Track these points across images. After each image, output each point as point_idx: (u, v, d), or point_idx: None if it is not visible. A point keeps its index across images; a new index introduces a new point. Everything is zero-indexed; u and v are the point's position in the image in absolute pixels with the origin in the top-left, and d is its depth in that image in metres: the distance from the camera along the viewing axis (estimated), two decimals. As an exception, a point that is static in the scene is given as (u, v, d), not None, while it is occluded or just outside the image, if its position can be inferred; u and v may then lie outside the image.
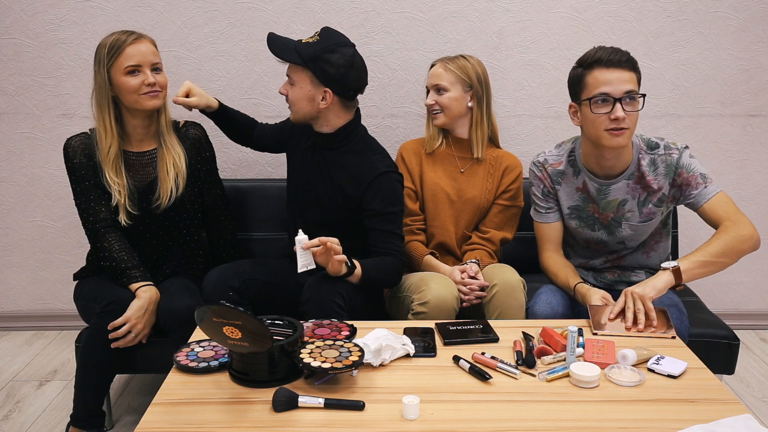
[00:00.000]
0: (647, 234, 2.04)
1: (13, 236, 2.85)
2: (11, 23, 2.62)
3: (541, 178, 2.09)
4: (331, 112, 2.01)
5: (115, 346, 1.96)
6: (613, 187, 1.98)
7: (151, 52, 2.01)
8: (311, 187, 2.10)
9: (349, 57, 1.95)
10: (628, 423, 1.37)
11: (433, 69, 2.26)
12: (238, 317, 1.42)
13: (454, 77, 2.21)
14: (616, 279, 2.11)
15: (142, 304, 1.97)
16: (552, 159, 2.07)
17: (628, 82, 1.83)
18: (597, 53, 1.86)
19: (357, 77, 1.98)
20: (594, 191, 2.01)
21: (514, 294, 2.01)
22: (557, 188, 2.07)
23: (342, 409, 1.40)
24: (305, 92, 1.97)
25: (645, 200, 1.98)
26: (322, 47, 1.93)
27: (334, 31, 2.01)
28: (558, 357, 1.61)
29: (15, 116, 2.72)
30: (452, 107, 2.23)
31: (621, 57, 1.84)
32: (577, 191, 2.04)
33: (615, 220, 2.02)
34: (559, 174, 2.06)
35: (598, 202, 2.01)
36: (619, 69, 1.83)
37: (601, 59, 1.84)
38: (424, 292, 1.98)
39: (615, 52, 1.85)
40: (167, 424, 1.37)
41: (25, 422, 2.26)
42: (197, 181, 2.18)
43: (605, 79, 1.83)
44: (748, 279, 2.98)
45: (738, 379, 2.56)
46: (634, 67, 1.86)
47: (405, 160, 2.31)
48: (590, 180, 2.00)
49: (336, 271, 1.89)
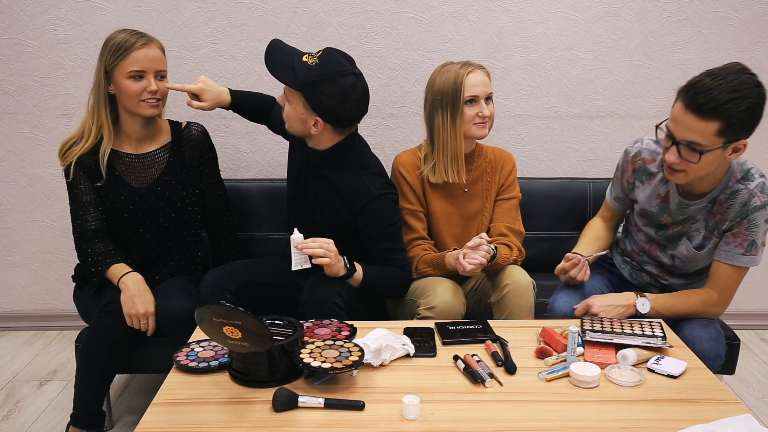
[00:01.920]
0: (699, 264, 1.96)
1: (13, 236, 2.85)
2: (11, 23, 2.62)
3: (625, 169, 2.00)
4: (324, 136, 1.95)
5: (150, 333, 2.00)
6: (693, 207, 1.87)
7: (158, 58, 1.99)
8: (306, 201, 2.06)
9: (346, 88, 1.85)
10: (628, 423, 1.37)
11: (479, 76, 2.05)
12: (238, 317, 1.42)
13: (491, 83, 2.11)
14: (650, 282, 2.07)
15: (127, 294, 1.96)
16: (646, 153, 1.95)
17: (695, 132, 1.63)
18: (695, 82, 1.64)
19: (353, 109, 1.89)
20: (674, 205, 1.90)
21: (524, 295, 1.97)
22: (636, 185, 1.98)
23: (342, 409, 1.40)
24: (298, 114, 1.91)
25: (714, 226, 1.87)
26: (318, 74, 1.84)
27: (337, 54, 1.90)
28: (560, 357, 1.61)
29: (15, 116, 2.72)
30: (494, 117, 2.11)
31: (707, 103, 1.60)
32: (658, 197, 1.94)
33: (678, 234, 1.93)
34: (646, 173, 1.95)
35: (674, 215, 1.91)
36: (695, 114, 1.62)
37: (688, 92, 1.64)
38: (431, 297, 1.95)
39: (706, 93, 1.60)
40: (167, 424, 1.37)
41: (25, 422, 2.26)
42: (199, 182, 2.17)
43: (675, 117, 1.67)
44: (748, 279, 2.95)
45: (738, 379, 2.56)
46: (721, 116, 1.60)
47: (405, 177, 2.13)
48: (674, 193, 1.89)
49: (334, 272, 1.89)
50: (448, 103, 2.03)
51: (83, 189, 2.06)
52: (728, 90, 1.58)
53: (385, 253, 2.01)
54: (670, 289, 2.02)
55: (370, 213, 1.96)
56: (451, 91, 2.02)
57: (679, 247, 1.94)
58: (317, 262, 1.83)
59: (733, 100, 1.58)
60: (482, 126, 2.07)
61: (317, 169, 2.03)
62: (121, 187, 2.07)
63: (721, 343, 1.87)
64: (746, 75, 1.63)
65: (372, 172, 2.01)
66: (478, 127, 2.06)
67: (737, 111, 1.59)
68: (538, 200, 2.56)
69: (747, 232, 1.80)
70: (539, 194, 2.58)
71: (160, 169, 2.11)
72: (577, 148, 2.79)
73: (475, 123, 2.06)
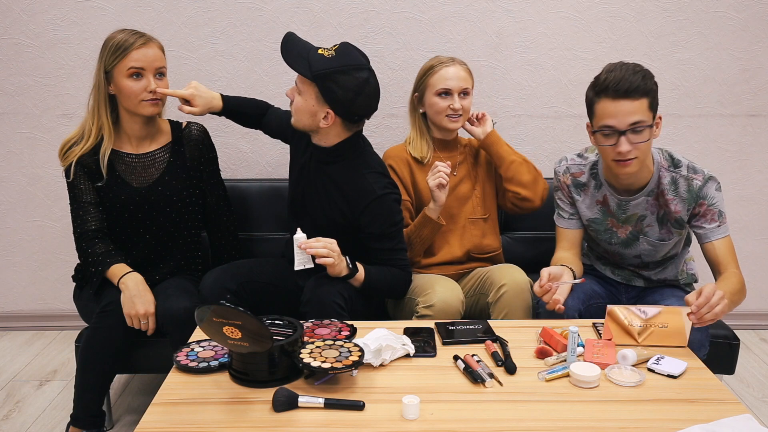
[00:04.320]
0: (664, 252, 2.03)
1: (13, 236, 2.85)
2: (11, 23, 2.62)
3: (561, 186, 2.07)
4: (331, 131, 1.95)
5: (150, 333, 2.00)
6: (633, 203, 1.95)
7: (157, 57, 1.99)
8: (308, 199, 2.06)
9: (361, 82, 1.86)
10: (628, 423, 1.37)
11: (454, 70, 2.17)
12: (238, 317, 1.42)
13: (471, 80, 2.22)
14: (632, 274, 2.12)
15: (127, 294, 1.96)
16: (574, 168, 2.04)
17: (635, 113, 1.75)
18: (606, 79, 1.76)
19: (365, 104, 1.90)
20: (614, 206, 1.98)
21: (522, 295, 1.99)
22: (576, 198, 2.05)
23: (342, 409, 1.40)
24: (309, 106, 1.90)
25: (663, 217, 1.96)
26: (335, 66, 1.84)
27: (354, 49, 1.91)
28: (561, 357, 1.61)
29: (15, 116, 2.72)
30: (469, 111, 2.23)
31: (630, 85, 1.73)
32: (597, 204, 2.02)
33: (633, 235, 2.00)
34: (580, 185, 2.03)
35: (618, 216, 1.99)
36: (625, 99, 1.74)
37: (608, 88, 1.76)
38: (429, 295, 1.96)
39: (624, 79, 1.74)
40: (167, 424, 1.37)
41: (25, 422, 2.26)
42: (199, 182, 2.17)
43: (609, 112, 1.77)
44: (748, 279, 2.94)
45: (738, 379, 2.56)
46: (645, 92, 1.76)
47: (394, 168, 2.21)
48: (611, 195, 1.98)
49: (337, 272, 1.89)
50: (416, 88, 2.24)
51: (84, 189, 2.06)
52: (633, 72, 1.76)
53: (386, 253, 2.00)
54: (649, 279, 2.10)
55: (373, 212, 1.96)
56: (422, 76, 2.22)
57: (641, 246, 2.01)
58: (320, 261, 1.83)
59: (644, 77, 1.76)
60: (454, 119, 2.18)
61: (320, 167, 2.03)
62: (122, 187, 2.07)
63: (705, 333, 1.90)
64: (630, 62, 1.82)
65: (376, 171, 2.00)
66: (449, 119, 2.18)
67: (651, 85, 1.78)
68: (537, 200, 2.56)
69: (711, 207, 1.90)
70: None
71: (160, 169, 2.11)
72: (577, 148, 2.76)
73: (447, 115, 2.17)
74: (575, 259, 2.05)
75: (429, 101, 2.20)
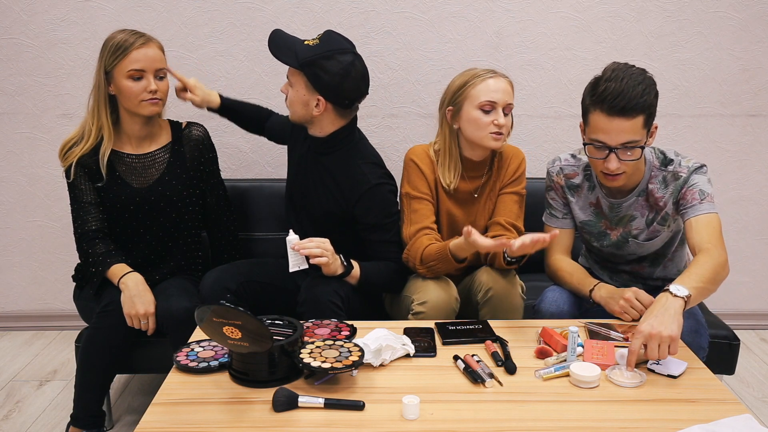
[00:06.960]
0: (654, 250, 2.00)
1: (13, 236, 2.85)
2: (11, 23, 2.62)
3: (554, 187, 2.05)
4: (325, 119, 1.97)
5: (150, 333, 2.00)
6: (625, 204, 1.94)
7: (157, 58, 1.99)
8: (305, 192, 2.07)
9: (345, 65, 1.88)
10: (628, 423, 1.37)
11: (499, 83, 1.95)
12: (238, 317, 1.42)
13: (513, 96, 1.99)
14: (630, 280, 2.09)
15: (128, 294, 1.96)
16: (568, 169, 2.01)
17: (628, 132, 1.70)
18: (605, 90, 1.69)
19: (353, 87, 1.91)
20: (606, 208, 1.97)
21: (510, 297, 1.94)
22: (570, 199, 2.03)
23: (342, 409, 1.40)
24: (300, 96, 1.94)
25: (652, 219, 1.93)
26: (319, 52, 1.88)
27: (337, 35, 1.95)
28: (560, 357, 1.61)
29: (15, 116, 2.72)
30: (510, 132, 2.01)
31: (627, 102, 1.67)
32: (591, 206, 2.00)
33: (623, 237, 1.99)
34: (574, 187, 2.01)
35: (611, 218, 1.98)
36: (620, 117, 1.68)
37: (604, 101, 1.69)
38: (422, 293, 1.95)
39: (622, 95, 1.67)
40: (167, 424, 1.37)
41: (25, 422, 2.26)
42: (199, 182, 2.17)
43: (602, 127, 1.72)
44: (748, 279, 2.98)
45: (738, 379, 2.56)
46: (642, 109, 1.69)
47: (419, 165, 2.03)
48: (603, 197, 1.97)
49: (332, 272, 1.89)
50: (452, 100, 1.98)
51: (84, 189, 2.06)
52: (635, 85, 1.69)
53: (381, 245, 2.01)
54: (650, 279, 2.07)
55: (368, 202, 1.97)
56: (460, 87, 1.96)
57: (630, 247, 2.00)
58: (314, 262, 1.83)
59: (644, 91, 1.70)
60: (497, 137, 1.95)
61: (317, 158, 2.04)
62: (122, 188, 2.07)
63: (703, 335, 1.86)
64: (633, 67, 1.75)
65: (371, 161, 2.02)
66: (493, 137, 1.94)
67: (650, 99, 1.72)
68: (537, 200, 2.55)
69: (691, 188, 1.84)
70: (539, 194, 2.57)
71: (160, 169, 2.11)
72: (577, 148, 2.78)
73: (490, 132, 1.94)
74: (575, 263, 2.05)
75: (468, 116, 1.95)
